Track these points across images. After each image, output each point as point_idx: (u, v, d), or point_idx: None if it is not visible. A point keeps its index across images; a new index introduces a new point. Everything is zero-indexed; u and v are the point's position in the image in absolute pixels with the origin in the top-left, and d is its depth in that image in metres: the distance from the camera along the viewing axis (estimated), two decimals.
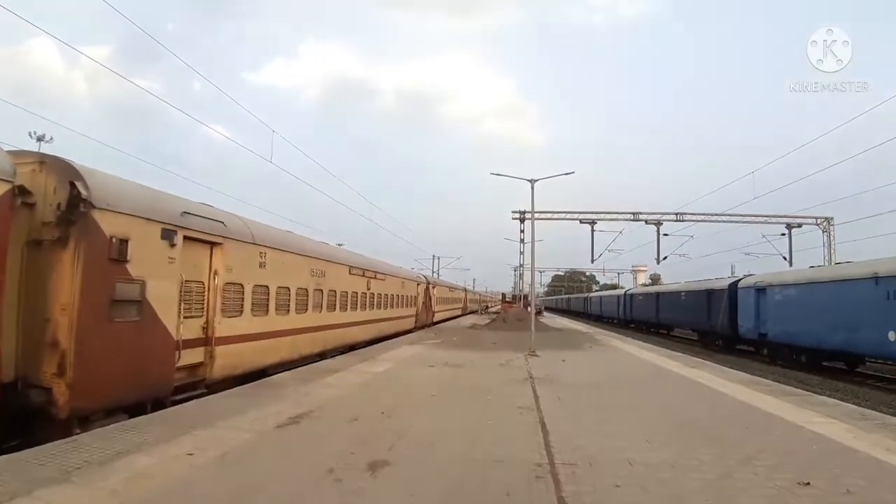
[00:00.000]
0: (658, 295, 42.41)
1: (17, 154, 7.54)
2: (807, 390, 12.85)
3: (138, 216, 7.88)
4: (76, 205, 6.99)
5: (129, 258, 7.59)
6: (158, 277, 8.19)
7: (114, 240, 7.36)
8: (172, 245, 8.52)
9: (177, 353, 8.67)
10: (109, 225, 7.34)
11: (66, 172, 7.15)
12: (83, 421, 7.13)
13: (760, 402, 9.77)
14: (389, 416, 7.89)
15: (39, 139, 35.55)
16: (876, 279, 17.61)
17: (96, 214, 7.16)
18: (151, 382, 8.16)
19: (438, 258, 70.47)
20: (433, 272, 63.57)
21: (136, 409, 7.88)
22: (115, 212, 7.44)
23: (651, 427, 7.49)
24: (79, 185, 7.04)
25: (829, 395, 12.62)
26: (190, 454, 5.80)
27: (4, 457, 5.60)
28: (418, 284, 32.24)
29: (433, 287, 37.98)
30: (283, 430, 6.97)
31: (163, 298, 8.29)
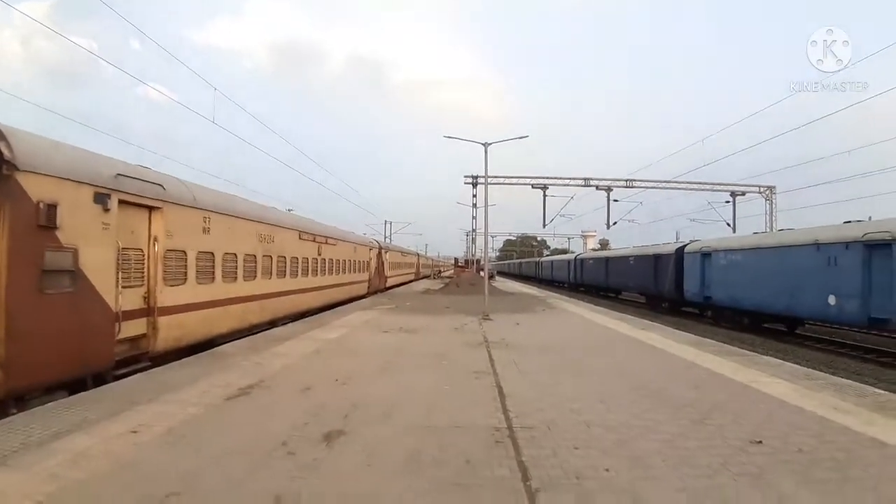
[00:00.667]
0: (607, 259, 43.31)
1: None
2: (750, 350, 13.33)
3: (68, 179, 7.29)
4: None
5: (58, 224, 7.03)
6: (92, 245, 7.65)
7: (41, 205, 6.79)
8: (106, 210, 7.96)
9: (116, 324, 8.20)
10: (36, 188, 6.75)
11: None
12: (19, 400, 6.70)
13: (708, 362, 10.06)
14: (344, 384, 7.73)
15: None
16: (817, 246, 18.32)
17: (20, 177, 6.57)
18: (90, 357, 7.70)
19: (391, 223, 69.76)
20: (385, 237, 63.01)
21: (76, 386, 7.46)
22: (41, 174, 6.85)
23: (606, 389, 7.59)
24: (1, 145, 6.43)
25: (772, 356, 13.13)
26: (134, 431, 5.51)
27: None
28: (370, 249, 31.86)
29: (386, 252, 37.66)
30: (232, 403, 6.72)
31: (98, 267, 7.77)
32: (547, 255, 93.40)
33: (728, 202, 38.19)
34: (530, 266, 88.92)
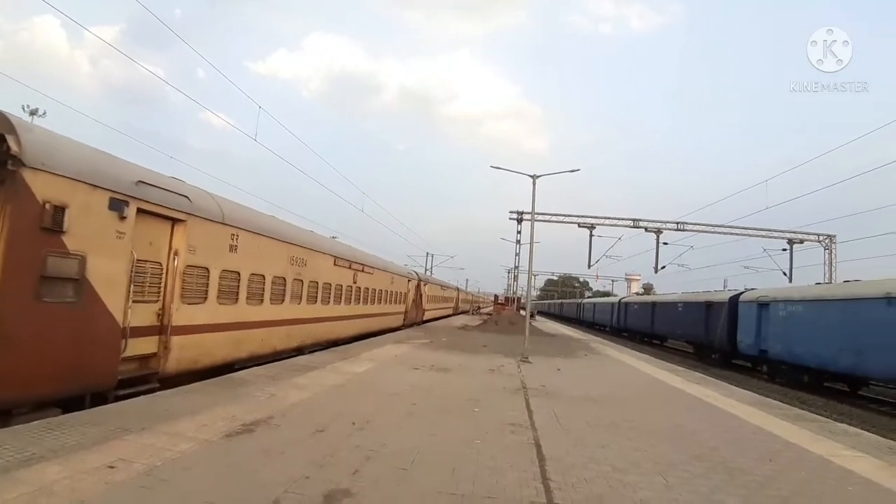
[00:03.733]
0: (654, 304, 41.37)
1: None
2: (818, 414, 11.92)
3: (81, 181, 6.75)
4: (3, 161, 5.92)
5: (65, 228, 6.47)
6: (102, 254, 7.06)
7: (47, 205, 6.25)
8: (122, 217, 7.39)
9: (123, 341, 7.55)
10: (43, 188, 6.22)
11: None
12: (4, 415, 6.08)
13: (777, 428, 8.85)
14: (361, 429, 6.83)
15: (32, 113, 33.93)
16: (889, 299, 16.68)
17: (27, 174, 6.06)
18: (89, 374, 7.05)
19: (432, 256, 69.26)
20: (426, 269, 62.42)
21: (72, 404, 6.82)
22: (51, 173, 6.33)
23: (665, 457, 6.45)
24: (10, 139, 5.96)
25: (842, 421, 11.72)
26: (111, 466, 4.77)
27: None
28: (409, 281, 31.14)
29: (425, 284, 36.89)
30: (231, 441, 5.90)
31: (107, 278, 7.16)
32: (589, 297, 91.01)
33: (785, 250, 36.15)
34: (571, 307, 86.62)
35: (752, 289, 28.03)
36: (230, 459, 5.30)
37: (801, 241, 35.92)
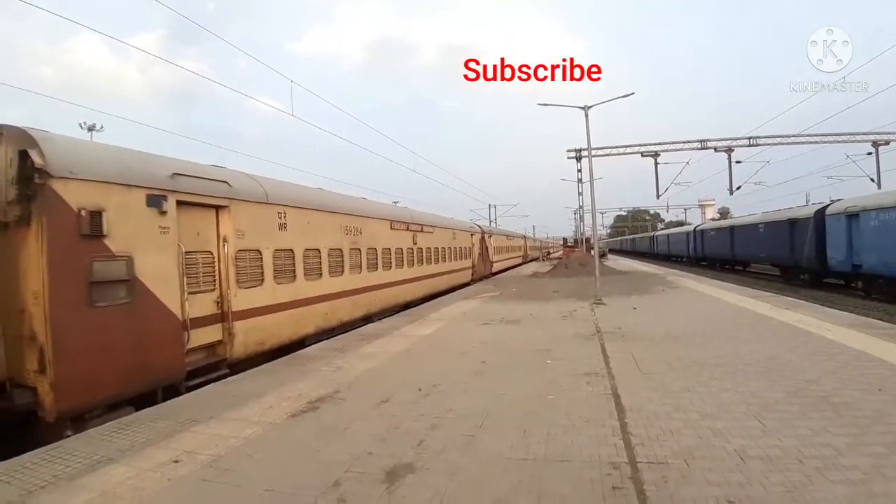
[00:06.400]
0: (732, 228, 39.12)
1: None
2: None
3: (113, 182, 6.69)
4: (30, 176, 5.91)
5: (106, 232, 6.45)
6: (149, 251, 7.04)
7: (83, 212, 6.22)
8: (163, 212, 7.32)
9: (185, 333, 7.60)
10: (76, 196, 6.19)
11: (19, 141, 6.06)
12: (78, 420, 6.21)
13: (883, 351, 7.89)
14: (427, 395, 6.59)
15: (90, 129, 35.40)
16: None
17: (57, 185, 6.03)
18: (155, 370, 7.13)
19: (495, 207, 68.33)
20: (490, 221, 61.78)
21: (144, 400, 6.93)
22: (80, 180, 6.28)
23: (758, 396, 5.83)
24: (32, 153, 5.92)
25: None
26: (176, 461, 4.75)
27: None
28: (472, 235, 30.70)
29: (489, 237, 36.35)
30: (296, 421, 5.79)
31: (158, 274, 7.16)
32: (661, 229, 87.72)
33: (870, 154, 32.59)
34: (644, 241, 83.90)
35: (839, 200, 25.83)
36: (293, 441, 5.18)
37: (887, 143, 32.17)
